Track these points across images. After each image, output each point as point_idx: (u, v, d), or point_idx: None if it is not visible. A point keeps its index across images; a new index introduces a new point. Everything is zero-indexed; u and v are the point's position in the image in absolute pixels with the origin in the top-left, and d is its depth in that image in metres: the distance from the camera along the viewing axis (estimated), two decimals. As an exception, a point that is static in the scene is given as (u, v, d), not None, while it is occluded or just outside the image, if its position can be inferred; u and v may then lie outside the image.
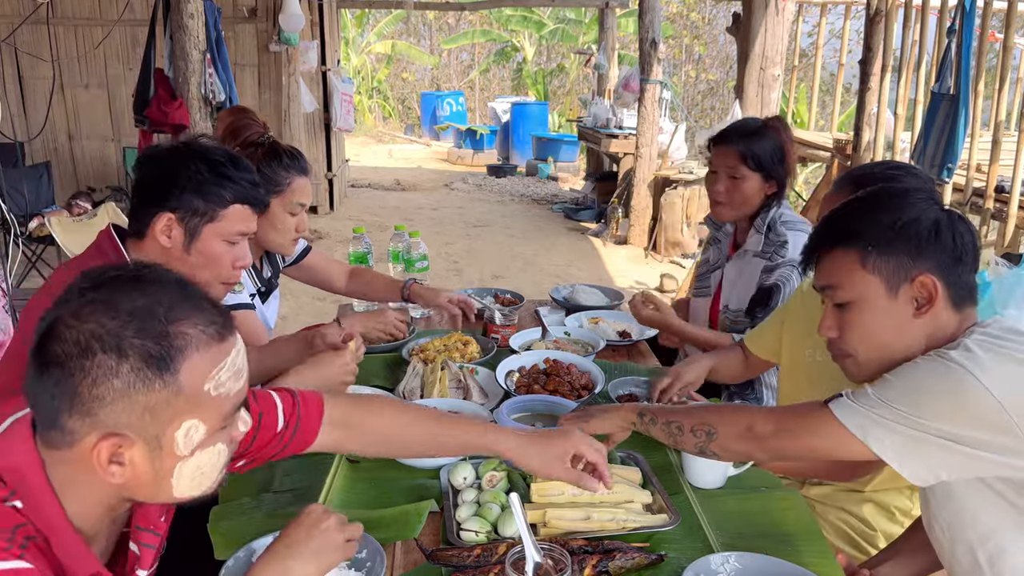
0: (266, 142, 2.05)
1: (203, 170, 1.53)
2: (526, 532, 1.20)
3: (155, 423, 0.89)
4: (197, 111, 4.21)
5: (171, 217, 1.53)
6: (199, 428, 0.92)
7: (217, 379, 0.92)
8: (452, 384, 1.97)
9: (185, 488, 0.95)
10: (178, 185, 1.52)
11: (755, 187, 2.24)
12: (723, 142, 2.29)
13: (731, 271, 2.36)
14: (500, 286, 3.49)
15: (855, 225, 1.26)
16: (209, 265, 1.56)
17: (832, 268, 1.28)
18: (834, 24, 8.84)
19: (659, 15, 7.44)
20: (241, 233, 1.59)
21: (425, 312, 2.66)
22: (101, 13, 7.07)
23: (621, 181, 8.18)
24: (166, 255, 1.54)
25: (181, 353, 0.88)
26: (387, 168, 12.25)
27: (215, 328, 0.92)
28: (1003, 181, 4.30)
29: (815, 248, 1.34)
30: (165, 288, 0.91)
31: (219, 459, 0.97)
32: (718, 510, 1.50)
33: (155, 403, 0.88)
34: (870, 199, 1.30)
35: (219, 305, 0.96)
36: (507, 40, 16.32)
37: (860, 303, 1.25)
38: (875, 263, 1.23)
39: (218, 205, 1.54)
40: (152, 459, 0.91)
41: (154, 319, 0.88)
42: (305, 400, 1.26)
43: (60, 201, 6.42)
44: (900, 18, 5.05)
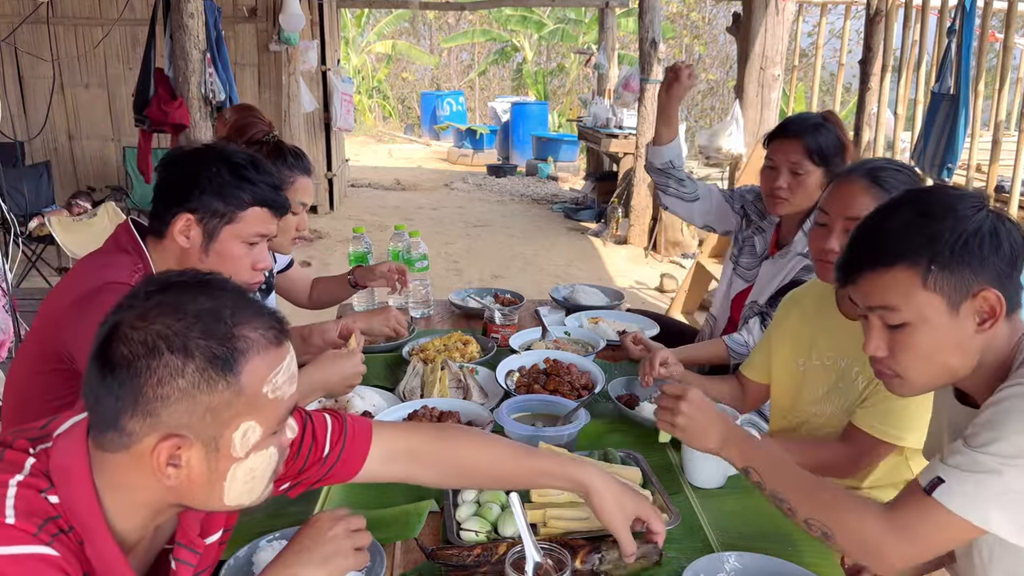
0: (271, 140, 2.08)
1: (224, 172, 1.55)
2: (526, 532, 1.20)
3: (215, 424, 0.90)
4: (197, 111, 4.21)
5: (190, 218, 1.54)
6: (256, 430, 0.93)
7: (275, 382, 0.94)
8: (452, 384, 1.97)
9: (236, 494, 0.96)
10: (198, 186, 1.54)
11: (817, 182, 2.16)
12: (785, 135, 2.19)
13: (768, 269, 2.31)
14: (500, 286, 3.50)
15: (913, 240, 1.13)
16: (226, 266, 1.57)
17: (886, 288, 1.15)
18: (834, 24, 8.84)
19: (659, 15, 7.44)
20: (260, 235, 1.60)
21: (425, 312, 2.66)
22: (101, 13, 7.07)
23: (621, 181, 8.18)
24: (184, 255, 1.56)
25: (244, 355, 0.90)
26: (387, 168, 12.25)
27: (274, 333, 0.94)
28: (1003, 181, 4.29)
29: (862, 267, 1.19)
30: (228, 293, 0.94)
31: (270, 463, 0.98)
32: (718, 510, 1.50)
33: (217, 404, 0.90)
34: (919, 206, 1.16)
35: (276, 312, 0.98)
36: (507, 40, 16.32)
37: (918, 324, 1.14)
38: (936, 281, 1.12)
39: (237, 207, 1.56)
40: (208, 460, 0.92)
41: (219, 321, 0.90)
42: (353, 427, 1.25)
43: (60, 201, 6.42)
44: (900, 18, 5.04)
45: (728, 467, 1.57)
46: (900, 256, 1.14)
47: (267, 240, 1.63)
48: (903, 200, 1.21)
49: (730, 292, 2.44)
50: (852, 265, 1.21)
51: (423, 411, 1.75)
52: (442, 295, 2.86)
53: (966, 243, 1.11)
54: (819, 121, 2.19)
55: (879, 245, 1.17)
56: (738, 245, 2.48)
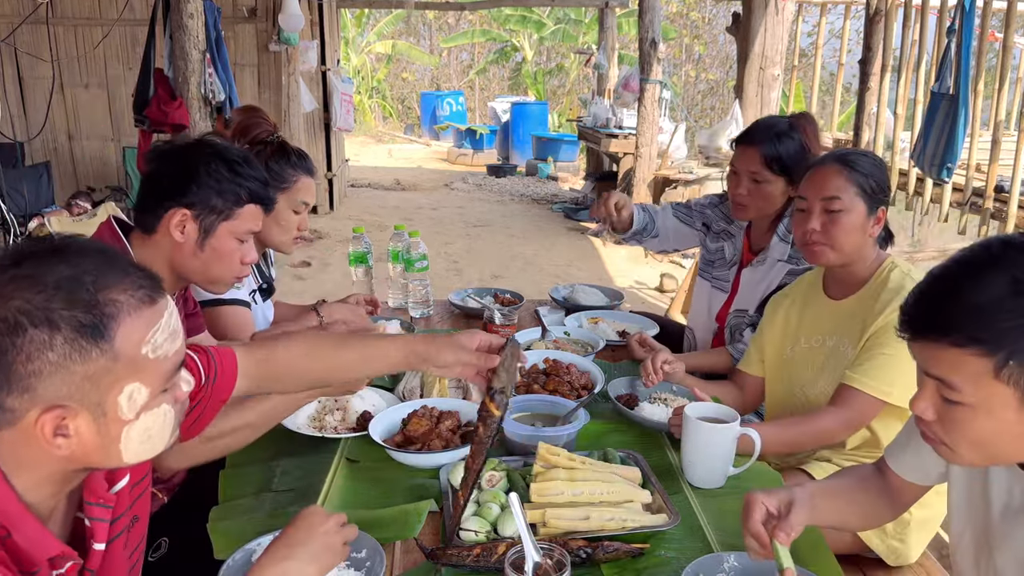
0: (275, 141, 2.13)
1: (222, 168, 1.56)
2: (526, 532, 1.20)
3: (96, 391, 0.89)
4: (197, 111, 4.21)
5: (186, 213, 1.55)
6: (141, 391, 0.92)
7: (154, 341, 0.92)
8: (452, 384, 1.97)
9: (135, 452, 0.95)
10: (195, 181, 1.54)
11: (778, 190, 2.18)
12: (746, 142, 2.20)
13: (748, 277, 2.30)
14: (500, 286, 3.50)
15: (999, 326, 0.94)
16: (221, 262, 1.60)
17: (950, 364, 0.98)
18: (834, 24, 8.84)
19: (659, 15, 7.44)
20: (251, 232, 1.64)
21: (425, 312, 2.66)
22: (101, 13, 7.07)
23: (621, 181, 8.18)
24: (177, 250, 1.57)
25: (113, 319, 0.88)
26: (387, 168, 12.25)
27: (144, 292, 0.92)
28: (1003, 181, 4.29)
29: (926, 331, 1.01)
30: (89, 256, 0.90)
31: (166, 420, 0.97)
32: (718, 510, 1.50)
33: (94, 371, 0.88)
34: (1017, 274, 0.94)
35: (145, 268, 0.96)
36: (507, 40, 16.33)
37: (980, 410, 0.98)
38: (1013, 376, 0.94)
39: (235, 204, 1.58)
40: (98, 426, 0.91)
41: (82, 288, 0.87)
42: (219, 353, 1.26)
43: (60, 201, 6.42)
44: (900, 18, 5.05)
45: (728, 467, 1.58)
46: (976, 340, 0.95)
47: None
48: (999, 260, 0.96)
49: (712, 307, 2.41)
50: (914, 326, 1.02)
51: (423, 411, 1.75)
52: (442, 295, 2.86)
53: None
54: (783, 129, 2.16)
55: (953, 316, 0.97)
56: (708, 258, 2.47)
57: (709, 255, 2.47)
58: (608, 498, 1.44)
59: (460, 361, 1.32)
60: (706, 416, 1.60)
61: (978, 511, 1.19)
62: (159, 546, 1.61)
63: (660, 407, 1.85)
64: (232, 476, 1.63)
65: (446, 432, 1.68)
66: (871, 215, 1.77)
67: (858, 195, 1.75)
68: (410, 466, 1.63)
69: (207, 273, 1.63)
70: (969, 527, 1.22)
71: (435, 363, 1.33)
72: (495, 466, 1.54)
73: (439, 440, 1.65)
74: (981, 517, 1.19)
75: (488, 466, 1.54)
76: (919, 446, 1.30)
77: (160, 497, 1.71)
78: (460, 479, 1.51)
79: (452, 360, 1.32)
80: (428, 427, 1.68)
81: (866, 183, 1.76)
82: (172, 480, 1.76)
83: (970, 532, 1.22)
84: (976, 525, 1.20)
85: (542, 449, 1.50)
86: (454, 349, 1.32)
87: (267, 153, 2.09)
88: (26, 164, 6.51)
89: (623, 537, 1.36)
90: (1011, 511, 1.12)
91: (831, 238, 1.76)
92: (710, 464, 1.57)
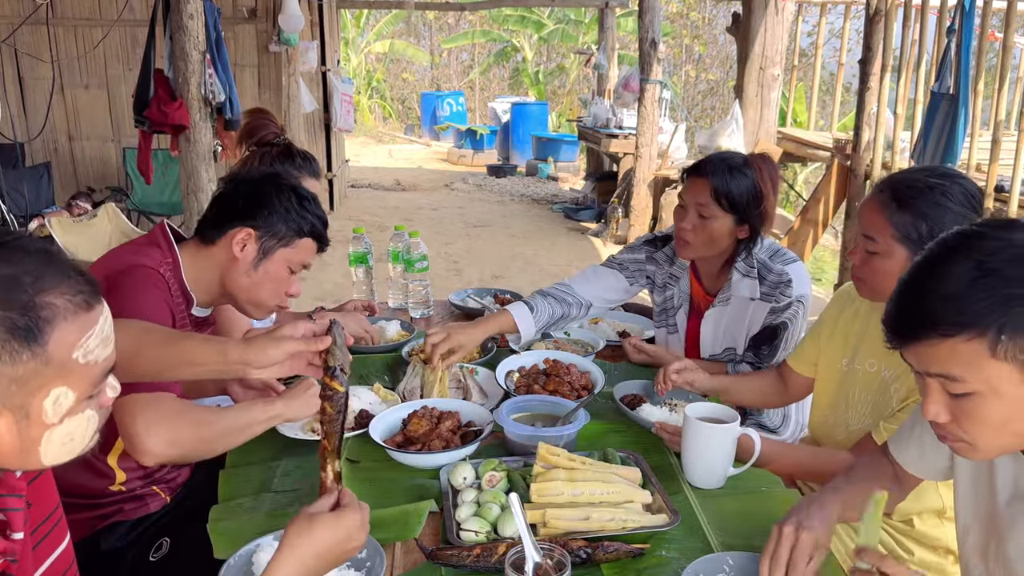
0: (281, 143, 2.18)
1: (292, 199, 1.67)
2: (526, 532, 1.20)
3: (22, 393, 0.88)
4: (197, 111, 4.21)
5: (251, 232, 1.64)
6: (68, 395, 0.91)
7: (86, 347, 0.91)
8: (452, 384, 1.97)
9: (54, 455, 0.94)
10: (267, 207, 1.64)
11: (725, 229, 2.03)
12: (696, 173, 2.05)
13: (714, 320, 2.16)
14: (500, 286, 3.50)
15: (977, 307, 0.95)
16: (268, 286, 1.67)
17: (945, 358, 0.99)
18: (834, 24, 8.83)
19: (659, 15, 7.44)
20: (304, 264, 1.71)
21: (425, 312, 2.66)
22: (101, 13, 7.07)
23: (621, 181, 8.18)
24: (233, 265, 1.65)
25: (49, 323, 0.87)
26: (387, 168, 12.25)
27: (83, 297, 0.91)
28: (1003, 181, 4.29)
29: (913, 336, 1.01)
30: (30, 257, 0.89)
31: (89, 425, 0.96)
32: (718, 510, 1.50)
33: (23, 374, 0.87)
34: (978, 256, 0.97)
35: (85, 273, 0.95)
36: (507, 40, 16.33)
37: (987, 394, 0.98)
38: (1009, 350, 0.95)
39: (296, 234, 1.67)
40: (19, 429, 0.90)
41: (20, 289, 0.86)
42: None
43: (60, 202, 6.42)
44: (900, 18, 5.05)
45: (728, 467, 1.58)
46: (962, 326, 0.96)
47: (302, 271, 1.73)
48: (958, 249, 0.99)
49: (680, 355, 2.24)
50: (900, 333, 1.03)
51: (423, 411, 1.75)
52: (442, 295, 2.86)
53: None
54: (737, 164, 2.04)
55: (933, 313, 0.98)
56: (661, 306, 2.32)
57: (661, 304, 2.32)
58: (608, 498, 1.44)
59: (287, 351, 1.28)
60: (706, 416, 1.60)
61: (984, 501, 1.20)
62: (159, 546, 1.61)
63: (663, 410, 1.84)
64: (232, 476, 1.64)
65: (446, 432, 1.68)
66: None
67: (897, 240, 1.52)
68: (410, 466, 1.63)
69: (252, 294, 1.68)
70: (976, 519, 1.22)
71: (258, 364, 1.28)
72: (495, 466, 1.54)
73: (439, 440, 1.65)
74: (987, 507, 1.19)
75: (488, 466, 1.54)
76: (922, 442, 1.31)
77: (161, 497, 1.71)
78: (461, 481, 1.51)
79: (278, 354, 1.28)
80: (428, 427, 1.68)
81: (912, 227, 1.50)
82: (174, 480, 1.77)
83: (977, 524, 1.22)
84: (983, 516, 1.20)
85: (542, 449, 1.50)
86: (276, 342, 1.28)
87: (272, 155, 2.14)
88: (26, 165, 6.51)
89: (623, 537, 1.36)
90: (1018, 498, 1.13)
91: (867, 277, 1.61)
92: (710, 464, 1.57)
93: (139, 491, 1.67)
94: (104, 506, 1.63)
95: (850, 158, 5.45)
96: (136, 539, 1.64)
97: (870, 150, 5.27)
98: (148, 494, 1.69)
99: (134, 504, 1.66)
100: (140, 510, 1.67)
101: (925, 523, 1.68)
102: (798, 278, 2.05)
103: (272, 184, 1.69)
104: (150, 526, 1.66)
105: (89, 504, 1.62)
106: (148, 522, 1.67)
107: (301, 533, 1.10)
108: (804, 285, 2.06)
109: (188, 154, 4.23)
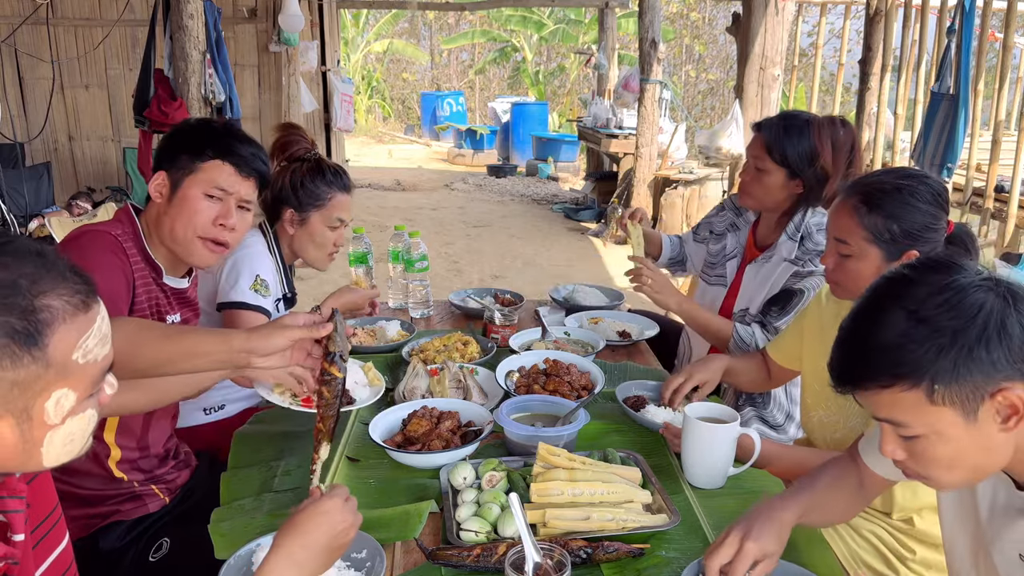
0: (312, 158, 2.20)
1: (192, 130, 1.70)
2: (526, 532, 1.20)
3: (24, 397, 0.88)
4: (197, 111, 4.21)
5: (162, 174, 1.65)
6: (69, 396, 0.91)
7: (85, 347, 0.91)
8: (452, 384, 1.97)
9: (55, 455, 0.94)
10: (171, 147, 1.67)
11: (777, 182, 2.15)
12: (757, 129, 2.22)
13: (751, 274, 2.27)
14: (500, 286, 3.50)
15: (909, 359, 0.98)
16: (184, 213, 1.64)
17: (889, 405, 1.03)
18: (834, 24, 8.84)
19: (659, 15, 7.44)
20: (218, 187, 1.66)
21: (425, 312, 2.66)
22: (101, 13, 7.07)
23: (621, 181, 8.18)
24: (157, 213, 1.66)
25: (48, 326, 0.87)
26: (387, 168, 12.25)
27: (80, 298, 0.91)
28: (1003, 181, 4.30)
29: (855, 383, 1.05)
30: (26, 260, 0.88)
31: (88, 424, 0.97)
32: (718, 510, 1.50)
33: (24, 377, 0.86)
34: (910, 306, 1.00)
35: (81, 272, 0.94)
36: (507, 40, 16.33)
37: (932, 437, 1.02)
38: (945, 396, 0.98)
39: (197, 158, 1.65)
40: (22, 431, 0.90)
41: (17, 293, 0.85)
42: None
43: (60, 201, 6.42)
44: (900, 18, 5.05)
45: (728, 467, 1.58)
46: (898, 377, 1.00)
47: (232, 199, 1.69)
48: (889, 297, 1.03)
49: (715, 304, 2.39)
50: (844, 380, 1.07)
51: (423, 411, 1.75)
52: (442, 295, 2.86)
53: (971, 351, 0.96)
54: (795, 122, 2.13)
55: (870, 364, 1.03)
56: (709, 261, 2.49)
57: (710, 258, 2.48)
58: (608, 498, 1.44)
59: (290, 338, 1.30)
60: (706, 416, 1.59)
61: (969, 514, 1.21)
62: (160, 546, 1.61)
63: (667, 410, 1.84)
64: (233, 478, 1.64)
65: (446, 432, 1.68)
66: (892, 260, 1.55)
67: (869, 241, 1.56)
68: (410, 466, 1.63)
69: (172, 230, 1.65)
70: (963, 532, 1.24)
71: (263, 351, 1.30)
72: (495, 466, 1.54)
73: (439, 440, 1.65)
74: (972, 520, 1.20)
75: (488, 466, 1.54)
76: None
77: (160, 498, 1.71)
78: (461, 481, 1.51)
79: (282, 342, 1.30)
80: (428, 427, 1.68)
81: (884, 228, 1.54)
82: (173, 482, 1.77)
83: (964, 536, 1.23)
84: (969, 528, 1.22)
85: (542, 449, 1.50)
86: (280, 330, 1.30)
87: (303, 170, 2.15)
88: (26, 164, 6.50)
89: (623, 537, 1.36)
90: (997, 510, 1.14)
91: (841, 279, 1.64)
92: (710, 464, 1.57)
93: (138, 490, 1.67)
94: (102, 504, 1.64)
95: (850, 158, 5.45)
96: (135, 539, 1.64)
97: (870, 150, 5.27)
98: (147, 494, 1.69)
99: (133, 504, 1.66)
100: (139, 510, 1.67)
101: (925, 520, 1.68)
102: None
103: (179, 127, 1.72)
104: (149, 526, 1.66)
105: (87, 501, 1.62)
106: (147, 522, 1.67)
107: (285, 530, 1.12)
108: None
109: (188, 154, 4.23)
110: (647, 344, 2.42)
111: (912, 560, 1.67)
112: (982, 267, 1.02)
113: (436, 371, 1.97)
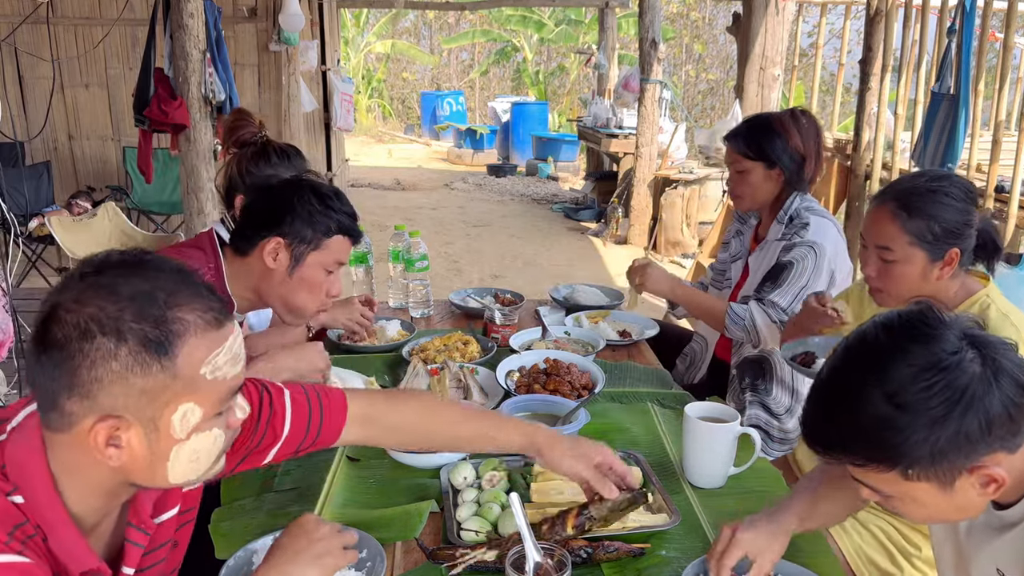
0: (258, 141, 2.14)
1: (313, 201, 1.65)
2: (526, 532, 1.20)
3: (152, 406, 0.90)
4: (197, 111, 4.20)
5: (280, 242, 1.63)
6: (195, 411, 0.93)
7: (214, 363, 0.93)
8: (452, 384, 1.97)
9: (181, 472, 0.96)
10: (291, 213, 1.63)
11: (759, 176, 2.27)
12: (726, 140, 2.35)
13: (753, 266, 2.37)
14: (500, 286, 3.50)
15: (883, 447, 0.97)
16: (306, 291, 1.67)
17: (861, 474, 1.03)
18: (834, 24, 8.83)
19: (659, 15, 7.44)
20: (338, 262, 1.69)
21: (425, 312, 2.66)
22: (101, 13, 7.06)
23: (621, 181, 8.18)
24: (268, 276, 1.66)
25: (179, 338, 0.90)
26: (387, 168, 12.25)
27: (213, 314, 0.94)
28: (1003, 181, 4.29)
29: (824, 451, 1.04)
30: (166, 275, 0.93)
31: (215, 445, 0.98)
32: (718, 510, 1.50)
33: (152, 386, 0.89)
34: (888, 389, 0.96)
35: (217, 293, 0.97)
36: (507, 40, 16.32)
37: (907, 500, 1.02)
38: (920, 475, 0.97)
39: (324, 234, 1.65)
40: (149, 442, 0.92)
41: (154, 304, 0.89)
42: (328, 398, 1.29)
43: (60, 201, 6.42)
44: (900, 18, 5.04)
45: (728, 467, 1.58)
46: (872, 460, 0.99)
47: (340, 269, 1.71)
48: (867, 371, 0.98)
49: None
50: (815, 444, 1.05)
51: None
52: (442, 295, 2.86)
53: (951, 437, 0.94)
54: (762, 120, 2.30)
55: (845, 444, 1.01)
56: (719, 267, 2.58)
57: (719, 266, 2.58)
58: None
59: (576, 474, 1.34)
60: (706, 416, 1.59)
61: (951, 528, 1.23)
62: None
63: None
64: (233, 480, 1.63)
65: (447, 432, 1.67)
66: (936, 260, 1.59)
67: (913, 244, 1.58)
68: (410, 466, 1.63)
69: (290, 301, 1.68)
70: (947, 543, 1.25)
71: (550, 464, 1.36)
72: (495, 466, 1.54)
73: (439, 440, 1.65)
74: (954, 534, 1.22)
75: (488, 466, 1.54)
76: None
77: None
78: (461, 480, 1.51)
79: (568, 471, 1.34)
80: (428, 427, 1.68)
81: (927, 230, 1.57)
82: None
83: (948, 548, 1.25)
84: (951, 542, 1.24)
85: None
86: (575, 459, 1.34)
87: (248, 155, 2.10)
88: (26, 164, 6.50)
89: (623, 537, 1.36)
90: (976, 527, 1.16)
91: (887, 286, 1.66)
92: (710, 464, 1.57)
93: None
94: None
95: (850, 158, 5.45)
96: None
97: (870, 150, 5.27)
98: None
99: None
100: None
101: None
102: (817, 227, 2.19)
103: (291, 188, 1.68)
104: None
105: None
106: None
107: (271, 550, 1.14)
108: (822, 236, 2.19)
109: (188, 153, 4.23)
110: (647, 344, 2.42)
111: (917, 557, 1.67)
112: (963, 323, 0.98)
113: (436, 371, 1.97)
